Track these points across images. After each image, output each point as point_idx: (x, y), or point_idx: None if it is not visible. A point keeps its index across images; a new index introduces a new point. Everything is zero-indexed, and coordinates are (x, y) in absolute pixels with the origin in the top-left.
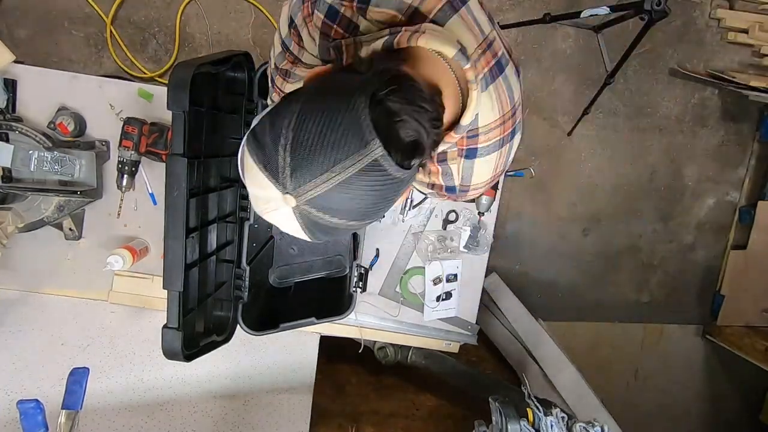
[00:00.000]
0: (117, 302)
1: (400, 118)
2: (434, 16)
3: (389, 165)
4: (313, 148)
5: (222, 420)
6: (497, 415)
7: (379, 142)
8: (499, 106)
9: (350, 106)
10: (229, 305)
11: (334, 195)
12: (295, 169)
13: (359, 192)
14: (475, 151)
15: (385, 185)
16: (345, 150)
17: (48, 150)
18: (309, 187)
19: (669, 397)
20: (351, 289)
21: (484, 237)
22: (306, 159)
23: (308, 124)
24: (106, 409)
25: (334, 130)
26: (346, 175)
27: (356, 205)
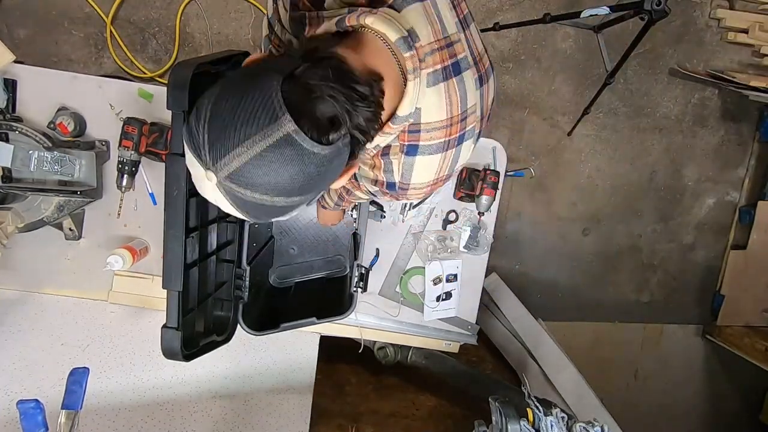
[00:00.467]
0: (117, 302)
1: (315, 94)
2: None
3: (303, 140)
4: (225, 122)
5: (222, 420)
6: (497, 415)
7: (290, 117)
8: (448, 106)
9: (264, 83)
10: (230, 305)
11: (250, 169)
12: (212, 143)
13: (275, 166)
14: (416, 148)
15: (303, 161)
16: (255, 125)
17: (48, 150)
18: (225, 162)
19: (669, 397)
20: (351, 289)
21: (484, 237)
22: (220, 133)
23: (224, 101)
24: (106, 409)
25: (246, 107)
26: (258, 149)
27: (274, 179)
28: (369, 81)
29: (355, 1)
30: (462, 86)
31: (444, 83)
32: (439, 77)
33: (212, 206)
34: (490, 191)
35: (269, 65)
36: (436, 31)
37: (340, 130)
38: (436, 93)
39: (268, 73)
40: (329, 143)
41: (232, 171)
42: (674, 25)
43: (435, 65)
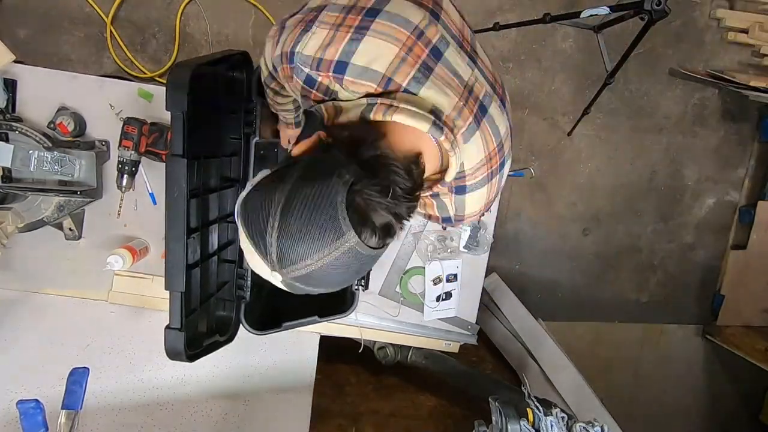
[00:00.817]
0: (117, 302)
1: (372, 208)
2: (408, 84)
3: (363, 249)
4: (296, 237)
5: (222, 420)
6: (497, 415)
7: (354, 234)
8: (484, 147)
9: (329, 198)
10: (232, 305)
11: (316, 274)
12: (281, 254)
13: (338, 271)
14: (464, 188)
15: (360, 263)
16: (324, 241)
17: (48, 150)
18: (294, 268)
19: (669, 397)
20: (353, 288)
21: (484, 237)
22: (290, 247)
23: (293, 213)
24: (106, 409)
25: (315, 223)
26: (326, 261)
27: (334, 279)
28: (410, 167)
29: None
30: (492, 123)
31: (478, 131)
32: (473, 130)
33: (213, 206)
34: None
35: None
36: (455, 87)
37: (393, 234)
38: (473, 144)
39: (331, 183)
40: (384, 246)
41: (299, 275)
42: (674, 25)
43: (466, 121)
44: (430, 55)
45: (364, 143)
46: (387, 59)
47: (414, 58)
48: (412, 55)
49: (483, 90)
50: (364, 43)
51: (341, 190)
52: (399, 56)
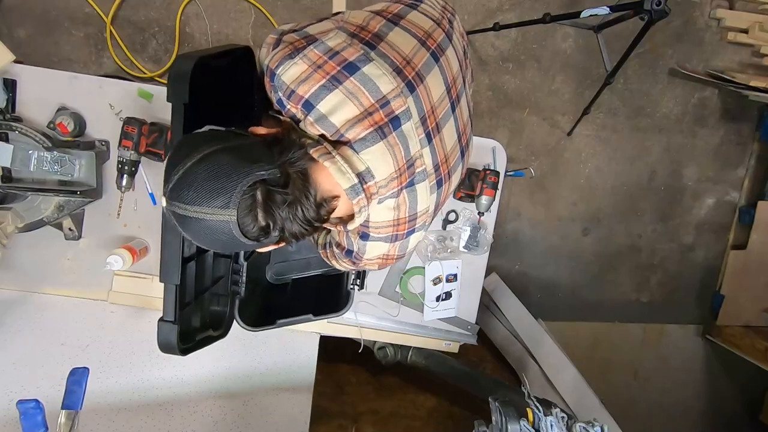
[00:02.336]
0: (117, 302)
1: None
2: (354, 142)
3: (236, 232)
4: (192, 184)
5: (222, 420)
6: (497, 415)
7: (235, 214)
8: (396, 213)
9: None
10: (226, 300)
11: (188, 221)
12: (175, 187)
13: (206, 232)
14: (367, 236)
15: (228, 239)
16: (210, 201)
17: (48, 150)
18: (176, 205)
19: (669, 397)
20: (348, 287)
21: (483, 237)
22: (184, 188)
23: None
24: (106, 409)
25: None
26: (201, 217)
27: (201, 236)
28: (321, 203)
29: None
30: (413, 196)
31: (395, 200)
32: (392, 196)
33: None
34: (489, 191)
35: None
36: (398, 160)
37: (268, 236)
38: (385, 207)
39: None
40: (256, 241)
41: (177, 212)
42: (674, 25)
43: (390, 190)
44: (388, 124)
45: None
46: (345, 116)
47: (371, 122)
48: (370, 120)
49: (421, 167)
50: (333, 94)
51: (253, 176)
52: (357, 118)
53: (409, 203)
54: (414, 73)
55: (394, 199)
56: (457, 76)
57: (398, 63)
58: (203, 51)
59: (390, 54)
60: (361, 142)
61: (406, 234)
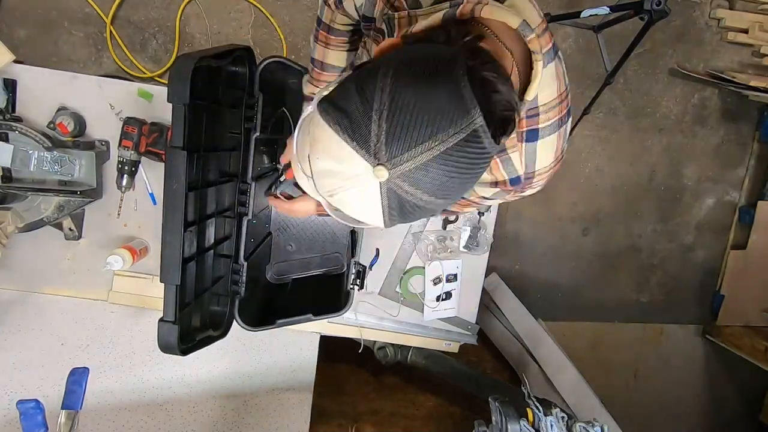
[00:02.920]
0: (117, 302)
1: (496, 89)
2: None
3: (486, 137)
4: (414, 113)
5: (222, 420)
6: (497, 415)
7: (480, 112)
8: (558, 83)
9: (450, 73)
10: (226, 300)
11: (431, 167)
12: (392, 137)
13: (456, 165)
14: (536, 133)
15: (480, 159)
16: (448, 117)
17: (48, 150)
18: (406, 158)
19: (669, 397)
20: (348, 287)
21: (484, 237)
22: (406, 126)
23: (407, 89)
24: (106, 409)
25: (436, 97)
26: (447, 145)
27: (450, 180)
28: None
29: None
30: (562, 64)
31: (553, 62)
32: (551, 56)
33: (210, 201)
34: None
35: (438, 53)
36: (539, 12)
37: (513, 130)
38: (549, 73)
39: (449, 61)
40: (500, 142)
41: (411, 169)
42: (674, 25)
43: (547, 45)
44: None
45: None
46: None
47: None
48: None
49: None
50: None
51: (461, 63)
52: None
53: (564, 70)
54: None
55: (553, 63)
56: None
57: None
58: (203, 51)
59: None
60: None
61: (567, 115)
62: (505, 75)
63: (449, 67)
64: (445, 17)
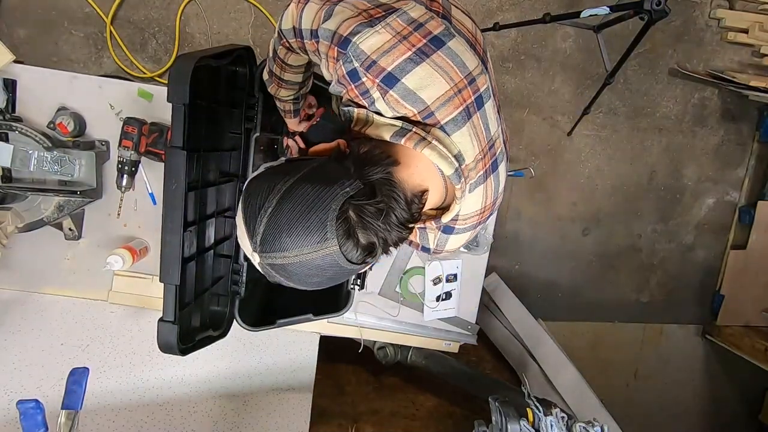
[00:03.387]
0: (117, 302)
1: (363, 225)
2: (445, 123)
3: (341, 260)
4: (283, 227)
5: (222, 420)
6: (497, 415)
7: (336, 243)
8: (483, 200)
9: (325, 202)
10: (226, 300)
11: (291, 268)
12: (265, 238)
13: (312, 272)
14: (451, 230)
15: (335, 271)
16: (307, 239)
17: (48, 150)
18: (273, 256)
19: (669, 397)
20: (349, 287)
21: (484, 237)
22: (275, 235)
23: (287, 206)
24: (106, 409)
25: (305, 220)
26: (303, 259)
27: (308, 279)
28: (414, 198)
29: (407, 114)
30: (497, 179)
31: (483, 185)
32: (480, 182)
33: (210, 201)
34: None
35: (333, 176)
36: (482, 140)
37: (374, 255)
38: (475, 195)
39: (331, 190)
40: (362, 263)
41: (276, 263)
42: (674, 25)
43: (478, 173)
44: (474, 103)
45: (378, 164)
46: (436, 93)
47: (460, 101)
48: (459, 98)
49: (500, 147)
50: (421, 67)
51: (339, 198)
52: (447, 95)
53: (494, 186)
54: (482, 50)
55: (482, 186)
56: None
57: (470, 39)
58: (203, 51)
59: (462, 30)
60: (452, 123)
61: (488, 217)
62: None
63: (329, 197)
64: (392, 137)
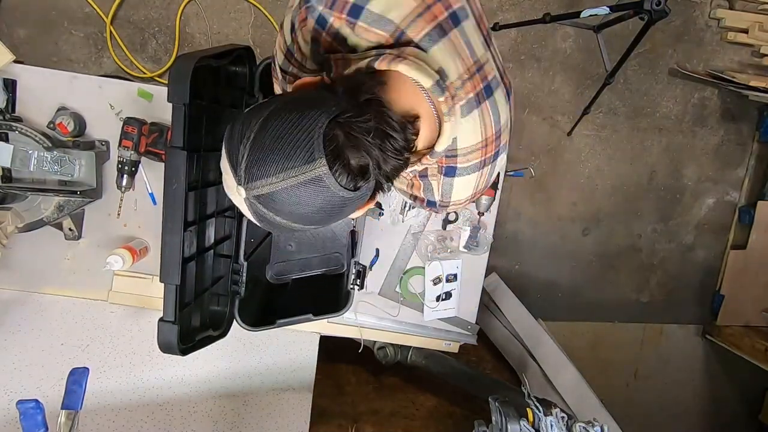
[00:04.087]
0: (117, 302)
1: (353, 144)
2: (420, 40)
3: (332, 184)
4: (266, 149)
5: (222, 420)
6: (497, 415)
7: (325, 162)
8: (482, 129)
9: (310, 120)
10: (226, 300)
11: (278, 196)
12: (249, 164)
13: (302, 199)
14: (453, 170)
15: (329, 199)
16: (293, 160)
17: (48, 150)
18: (258, 184)
19: (669, 397)
20: (348, 287)
21: (483, 237)
22: (260, 158)
23: (271, 126)
24: (106, 409)
25: (289, 139)
26: (290, 183)
27: (298, 210)
28: (404, 124)
29: (380, 40)
30: (494, 107)
31: (477, 109)
32: (472, 106)
33: (210, 201)
34: (489, 191)
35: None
36: (465, 59)
37: (368, 179)
38: (470, 121)
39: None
40: (355, 189)
41: (262, 194)
42: (674, 25)
43: (468, 95)
44: (448, 19)
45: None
46: (404, 11)
47: (431, 16)
48: (429, 13)
49: (493, 72)
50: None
51: (323, 116)
52: (416, 11)
53: (492, 115)
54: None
55: (476, 111)
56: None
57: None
58: (203, 51)
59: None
60: (426, 38)
61: (494, 156)
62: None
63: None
64: (367, 66)
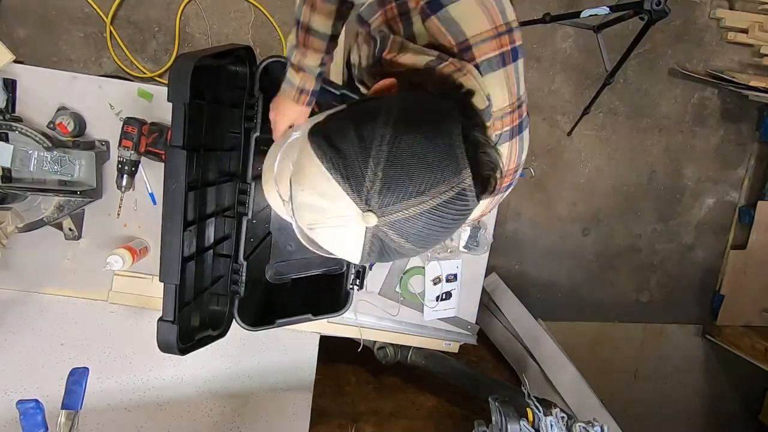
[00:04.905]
0: (117, 302)
1: (484, 150)
2: (480, 62)
3: (471, 196)
4: (411, 167)
5: (222, 420)
6: (497, 415)
7: (470, 172)
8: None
9: (448, 133)
10: (225, 300)
11: (419, 220)
12: (386, 187)
13: (441, 219)
14: None
15: (462, 215)
16: (441, 175)
17: (48, 150)
18: (397, 208)
19: (669, 397)
20: (348, 287)
21: (483, 237)
22: (401, 178)
23: (405, 141)
24: (106, 409)
25: (433, 153)
26: (437, 201)
27: (432, 232)
28: None
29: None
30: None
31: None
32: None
33: (210, 200)
34: None
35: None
36: (512, 94)
37: (491, 190)
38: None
39: (447, 119)
40: (480, 200)
41: (400, 219)
42: (674, 25)
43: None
44: (510, 52)
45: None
46: (477, 28)
47: (498, 44)
48: (497, 41)
49: (526, 111)
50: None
51: (456, 123)
52: (487, 33)
53: (519, 150)
54: None
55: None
56: None
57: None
58: (204, 51)
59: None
60: (487, 63)
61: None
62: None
63: (447, 125)
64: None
